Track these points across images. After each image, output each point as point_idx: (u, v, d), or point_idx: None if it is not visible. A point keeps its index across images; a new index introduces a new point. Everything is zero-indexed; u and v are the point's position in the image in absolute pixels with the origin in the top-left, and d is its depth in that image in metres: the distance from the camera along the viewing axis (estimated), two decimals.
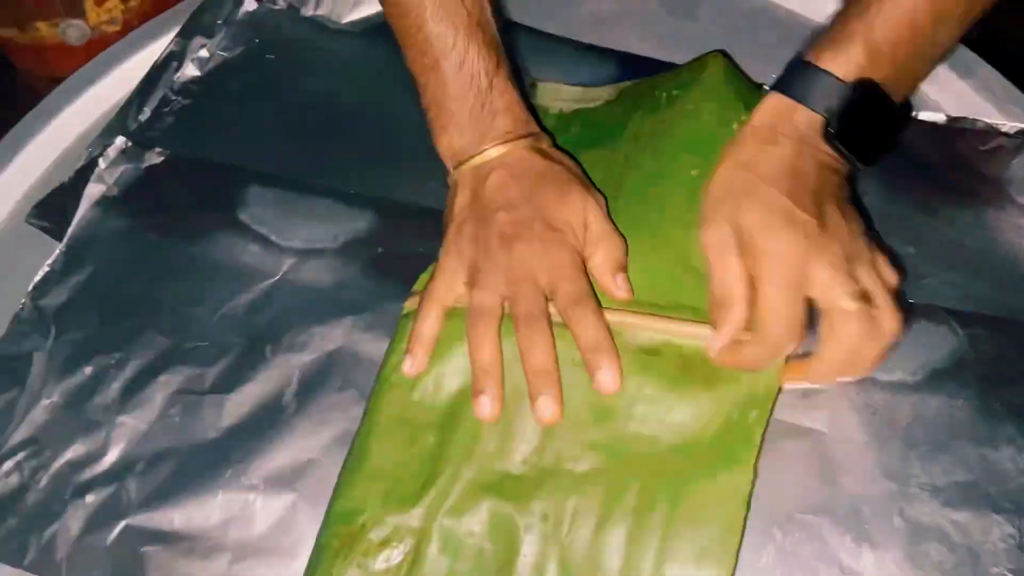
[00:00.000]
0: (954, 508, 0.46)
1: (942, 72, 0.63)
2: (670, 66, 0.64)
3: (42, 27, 1.13)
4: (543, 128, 0.53)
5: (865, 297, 0.45)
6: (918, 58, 0.49)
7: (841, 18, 0.49)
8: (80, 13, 1.14)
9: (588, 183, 0.51)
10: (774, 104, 0.49)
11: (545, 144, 0.52)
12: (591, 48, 0.66)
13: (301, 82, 0.64)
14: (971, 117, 0.60)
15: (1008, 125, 0.60)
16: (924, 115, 0.61)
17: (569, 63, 0.64)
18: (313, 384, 0.50)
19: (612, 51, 0.66)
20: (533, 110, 0.54)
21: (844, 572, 0.44)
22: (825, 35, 0.49)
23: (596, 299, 0.47)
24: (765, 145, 0.48)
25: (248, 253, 0.55)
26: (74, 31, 1.13)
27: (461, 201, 0.50)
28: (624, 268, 0.48)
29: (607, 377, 0.44)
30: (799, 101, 0.48)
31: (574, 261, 0.47)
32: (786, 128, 0.48)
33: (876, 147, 0.50)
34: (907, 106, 0.51)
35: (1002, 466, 0.47)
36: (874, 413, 0.49)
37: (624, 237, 0.49)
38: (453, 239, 0.50)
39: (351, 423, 0.48)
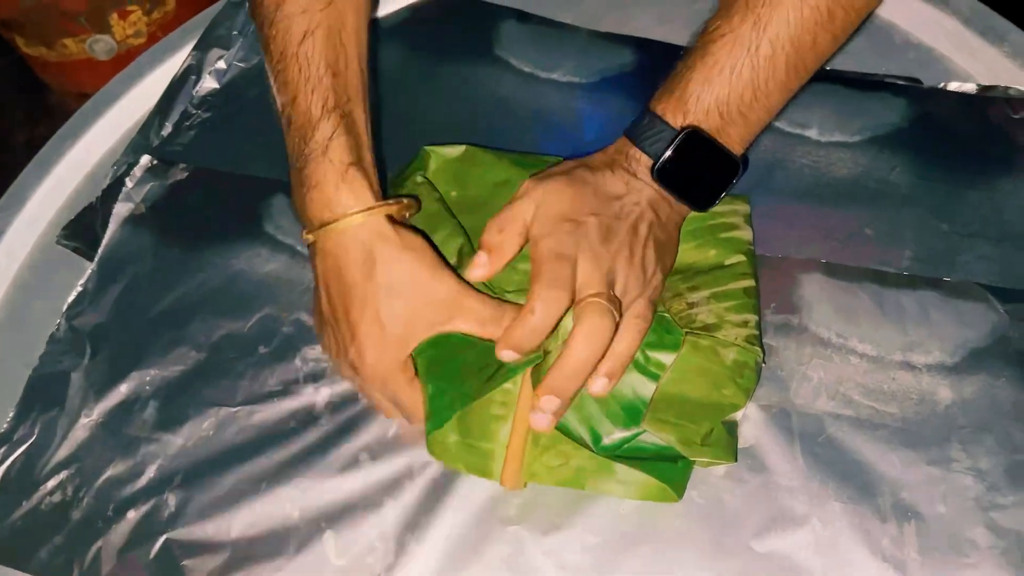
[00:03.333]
0: (1000, 492, 0.45)
1: (972, 40, 0.61)
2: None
3: (70, 44, 1.15)
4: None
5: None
6: (757, 113, 0.50)
7: (685, 70, 0.50)
8: (106, 28, 1.16)
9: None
10: (618, 144, 0.52)
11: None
12: (605, 36, 0.65)
13: None
14: (1003, 85, 0.59)
15: None
16: (954, 85, 0.59)
17: (581, 52, 0.64)
18: (345, 395, 0.50)
19: (628, 38, 0.65)
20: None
21: (887, 560, 0.44)
22: (667, 84, 0.51)
23: None
24: (601, 172, 0.50)
25: (274, 263, 0.56)
26: (101, 46, 1.15)
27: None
28: None
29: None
30: (635, 143, 0.50)
31: None
32: (623, 163, 0.51)
33: (709, 192, 0.51)
34: (744, 158, 0.52)
35: None
36: (911, 397, 0.48)
37: None
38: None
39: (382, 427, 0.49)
